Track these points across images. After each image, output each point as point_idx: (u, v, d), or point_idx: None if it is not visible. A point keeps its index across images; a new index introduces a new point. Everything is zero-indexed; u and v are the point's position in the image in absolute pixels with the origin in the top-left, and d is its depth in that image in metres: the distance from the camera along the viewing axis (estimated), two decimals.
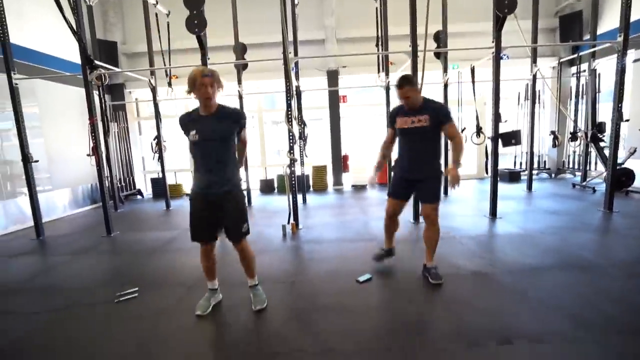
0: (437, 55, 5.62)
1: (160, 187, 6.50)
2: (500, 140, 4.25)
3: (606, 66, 5.84)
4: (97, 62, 5.66)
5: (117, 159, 6.89)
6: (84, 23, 5.78)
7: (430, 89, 5.31)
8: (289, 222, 4.16)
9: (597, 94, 5.78)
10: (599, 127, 5.59)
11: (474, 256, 3.04)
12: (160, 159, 5.99)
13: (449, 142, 2.62)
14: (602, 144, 5.64)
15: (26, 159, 4.25)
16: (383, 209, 2.85)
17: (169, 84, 6.05)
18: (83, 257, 3.61)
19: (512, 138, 4.41)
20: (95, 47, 6.19)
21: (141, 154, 7.91)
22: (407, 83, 2.38)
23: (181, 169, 7.50)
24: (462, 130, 5.89)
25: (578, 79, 5.80)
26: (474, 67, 4.81)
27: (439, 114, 2.43)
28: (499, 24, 3.85)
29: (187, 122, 2.09)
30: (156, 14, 5.85)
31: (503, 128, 4.42)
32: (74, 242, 4.20)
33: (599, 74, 5.80)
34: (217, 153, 2.06)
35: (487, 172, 4.49)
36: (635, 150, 5.04)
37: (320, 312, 2.23)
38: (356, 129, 7.99)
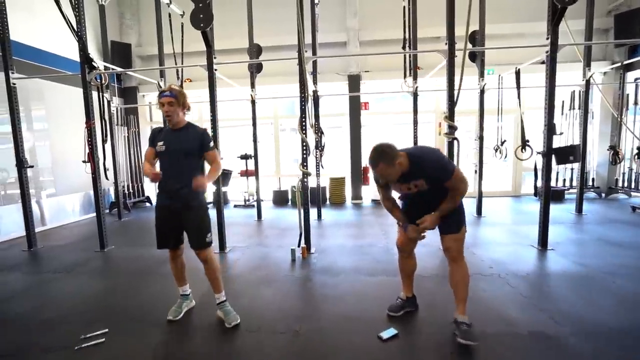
0: (473, 58, 4.98)
1: None
2: (554, 157, 3.55)
3: None
4: (104, 62, 5.44)
5: (126, 164, 6.63)
6: (93, 22, 5.63)
7: (466, 95, 4.66)
8: (299, 246, 3.62)
9: None
10: None
11: (528, 306, 2.38)
12: None
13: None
14: None
15: (21, 163, 3.96)
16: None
17: (181, 87, 5.71)
18: (66, 277, 3.21)
19: (569, 154, 3.69)
20: (108, 49, 5.98)
21: None
22: (381, 158, 1.80)
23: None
24: (502, 143, 5.20)
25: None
26: (519, 69, 4.14)
27: (434, 177, 1.89)
28: (555, 17, 3.20)
29: (157, 134, 2.22)
30: (170, 15, 5.55)
31: (557, 142, 3.73)
32: (63, 256, 3.83)
33: None
34: (180, 166, 2.14)
35: (536, 195, 3.79)
36: None
37: None
38: (378, 138, 7.38)
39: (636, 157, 4.96)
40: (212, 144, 2.22)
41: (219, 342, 2.06)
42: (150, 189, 7.43)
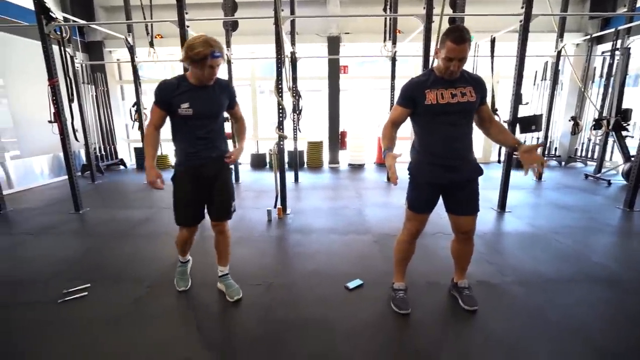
0: (452, 23, 4.96)
1: (143, 158, 6.01)
2: (518, 125, 3.75)
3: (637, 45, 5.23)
4: (64, 14, 5.01)
5: (96, 125, 6.35)
6: None
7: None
8: (275, 207, 3.75)
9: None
10: (623, 115, 5.06)
11: (481, 260, 2.66)
12: (141, 127, 5.47)
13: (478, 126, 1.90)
14: (624, 133, 5.14)
15: None
16: (380, 193, 2.42)
17: (151, 44, 5.40)
18: (41, 238, 3.22)
19: (532, 123, 3.89)
20: None
21: (124, 121, 7.36)
22: (468, 35, 1.59)
23: (166, 139, 7.01)
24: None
25: (613, 57, 5.15)
26: (494, 38, 4.21)
27: (482, 89, 1.75)
28: None
29: (172, 90, 1.80)
30: None
31: (522, 111, 3.91)
32: (36, 218, 3.80)
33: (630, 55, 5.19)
34: (211, 129, 1.89)
35: (499, 161, 4.04)
36: None
37: (297, 329, 1.86)
38: (357, 103, 7.40)
39: (592, 128, 5.28)
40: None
41: (198, 293, 2.21)
42: (124, 151, 7.22)
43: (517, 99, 3.57)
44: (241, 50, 6.21)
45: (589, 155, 6.38)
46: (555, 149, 6.96)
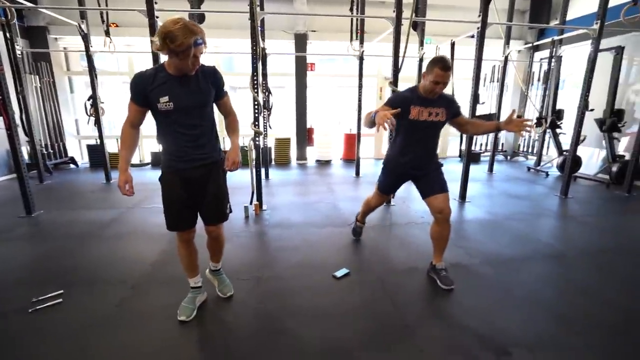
0: (415, 27, 5.27)
1: (98, 156, 5.59)
2: None
3: (569, 54, 5.97)
4: None
5: (41, 120, 5.77)
6: None
7: (406, 63, 5.00)
8: (251, 203, 3.75)
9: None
10: (557, 114, 5.76)
11: (451, 245, 2.89)
12: (98, 123, 5.08)
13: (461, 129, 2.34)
14: (558, 131, 5.86)
15: None
16: (350, 188, 2.61)
17: (107, 33, 5.02)
18: None
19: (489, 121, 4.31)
20: None
21: (74, 116, 6.76)
22: (451, 67, 2.04)
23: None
24: None
25: (550, 63, 5.84)
26: (454, 42, 4.56)
27: (454, 107, 2.19)
28: None
29: (152, 86, 1.57)
30: None
31: (480, 110, 4.30)
32: None
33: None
34: (197, 124, 1.68)
35: (460, 157, 4.40)
36: (585, 138, 5.28)
37: (292, 318, 1.92)
38: (323, 100, 7.53)
39: (534, 125, 5.95)
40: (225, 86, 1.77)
41: (184, 291, 2.18)
42: (74, 148, 6.64)
43: (476, 99, 3.93)
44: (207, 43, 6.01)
45: (530, 150, 7.15)
46: (502, 144, 7.69)
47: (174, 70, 1.58)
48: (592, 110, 4.44)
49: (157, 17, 3.37)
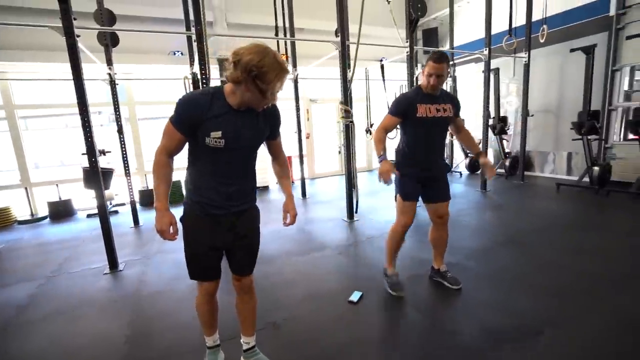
0: (345, 51, 5.65)
1: None
2: None
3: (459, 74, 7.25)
4: None
5: None
6: None
7: (334, 85, 5.30)
8: None
9: None
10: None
11: (428, 247, 3.13)
12: None
13: (453, 135, 2.50)
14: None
15: None
16: (306, 209, 2.60)
17: None
18: None
19: None
20: None
21: None
22: (446, 58, 2.00)
23: (8, 185, 5.19)
24: (372, 126, 6.21)
25: (455, 81, 6.95)
26: (383, 64, 5.05)
27: (457, 105, 2.21)
28: (412, 25, 4.10)
29: (207, 115, 1.29)
30: None
31: None
32: None
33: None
34: (244, 164, 1.45)
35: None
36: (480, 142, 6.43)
37: (331, 358, 1.76)
38: None
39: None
40: None
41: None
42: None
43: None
44: (120, 69, 5.24)
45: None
46: None
47: (238, 102, 1.31)
48: (494, 117, 5.44)
49: (79, 36, 2.79)
